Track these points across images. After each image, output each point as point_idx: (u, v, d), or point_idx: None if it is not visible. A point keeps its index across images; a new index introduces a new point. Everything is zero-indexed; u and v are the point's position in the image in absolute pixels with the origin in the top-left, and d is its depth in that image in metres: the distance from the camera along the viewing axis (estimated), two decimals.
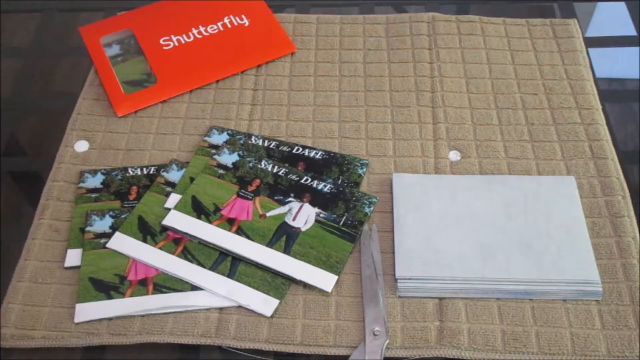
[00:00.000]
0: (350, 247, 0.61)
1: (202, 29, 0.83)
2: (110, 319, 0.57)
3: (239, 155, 0.68)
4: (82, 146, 0.71)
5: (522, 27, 0.83)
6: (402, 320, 0.57)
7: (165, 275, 0.60)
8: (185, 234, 0.62)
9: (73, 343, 0.56)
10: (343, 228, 0.62)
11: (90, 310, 0.58)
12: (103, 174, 0.68)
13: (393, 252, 0.60)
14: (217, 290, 0.58)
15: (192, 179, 0.67)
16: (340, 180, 0.66)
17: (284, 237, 0.61)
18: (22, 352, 0.57)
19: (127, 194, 0.66)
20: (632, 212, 0.64)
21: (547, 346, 0.55)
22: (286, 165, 0.67)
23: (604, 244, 0.61)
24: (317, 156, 0.68)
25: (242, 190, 0.65)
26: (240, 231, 0.62)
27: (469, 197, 0.64)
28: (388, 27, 0.83)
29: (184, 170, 0.68)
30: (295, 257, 0.60)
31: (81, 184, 0.67)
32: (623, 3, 0.89)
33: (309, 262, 0.60)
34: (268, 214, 0.63)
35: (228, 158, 0.68)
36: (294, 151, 0.69)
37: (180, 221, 0.62)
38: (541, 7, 0.88)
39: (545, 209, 0.62)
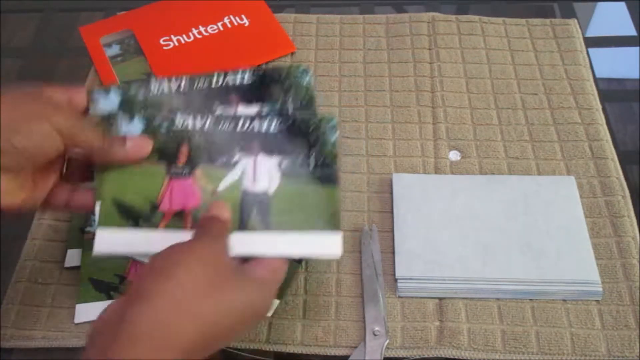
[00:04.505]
0: (335, 189, 0.49)
1: (202, 29, 0.83)
2: None
3: (143, 119, 0.50)
4: None
5: (522, 27, 0.83)
6: (402, 320, 0.57)
7: None
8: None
9: (73, 343, 0.56)
10: (316, 172, 0.50)
11: (90, 311, 0.57)
12: None
13: (393, 252, 0.60)
14: None
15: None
16: (280, 103, 0.52)
17: (254, 210, 0.48)
18: (22, 352, 0.57)
19: None
20: (632, 212, 0.64)
21: (547, 346, 0.55)
22: (209, 113, 0.51)
23: (604, 244, 0.61)
24: (245, 81, 0.52)
25: (173, 168, 0.49)
26: (195, 223, 0.48)
27: (469, 197, 0.64)
28: (388, 27, 0.83)
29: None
30: (281, 229, 0.48)
31: None
32: (623, 3, 0.89)
33: (299, 229, 0.47)
34: (220, 188, 0.49)
35: (131, 129, 0.49)
36: (214, 86, 0.52)
37: (114, 241, 0.46)
38: (541, 7, 0.88)
39: (545, 209, 0.62)
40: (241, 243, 0.47)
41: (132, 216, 0.47)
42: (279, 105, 0.52)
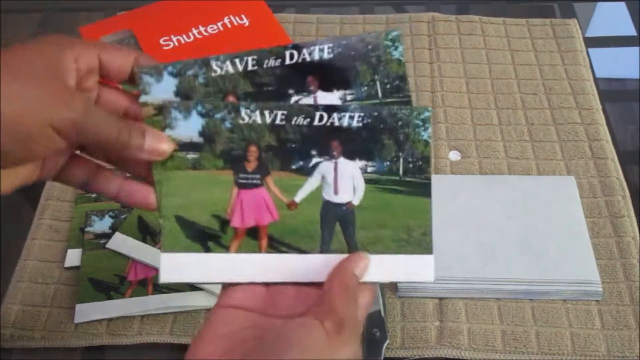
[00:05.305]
0: (428, 203, 0.42)
1: (202, 29, 0.83)
2: (110, 319, 0.57)
3: (201, 114, 0.41)
4: None
5: (522, 27, 0.83)
6: (402, 320, 0.57)
7: None
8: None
9: (73, 343, 0.56)
10: (407, 179, 0.42)
11: (90, 311, 0.57)
12: None
13: None
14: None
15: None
16: (367, 85, 0.43)
17: (336, 225, 0.42)
18: (22, 352, 0.57)
19: None
20: (632, 212, 0.64)
21: (547, 346, 0.55)
22: (280, 103, 0.42)
23: (604, 244, 0.61)
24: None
25: (241, 175, 0.41)
26: (272, 243, 0.41)
27: (469, 197, 0.63)
28: (388, 27, 0.83)
29: None
30: (367, 251, 0.41)
31: None
32: (623, 3, 0.89)
33: (387, 250, 0.41)
34: (298, 199, 0.41)
35: (188, 126, 0.41)
36: (287, 63, 0.43)
37: (183, 268, 0.40)
38: (541, 7, 0.88)
39: (545, 209, 0.62)
40: (324, 267, 0.40)
41: (199, 236, 0.41)
42: (366, 88, 0.43)
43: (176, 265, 0.40)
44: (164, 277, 0.40)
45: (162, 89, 0.41)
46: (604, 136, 0.70)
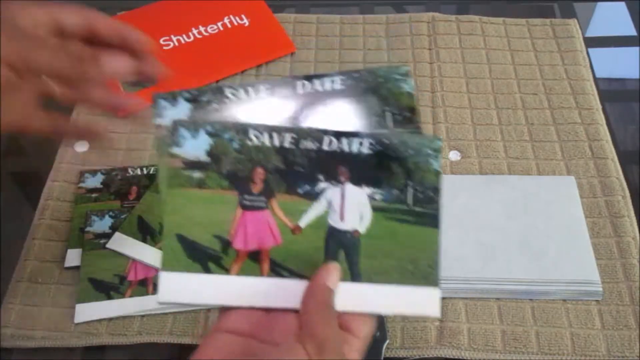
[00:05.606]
0: (436, 234, 0.41)
1: (202, 29, 0.83)
2: (110, 319, 0.57)
3: (209, 134, 0.41)
4: (82, 146, 0.71)
5: (522, 27, 0.83)
6: (402, 320, 0.57)
7: None
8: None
9: (73, 343, 0.56)
10: (416, 208, 0.41)
11: (90, 311, 0.57)
12: (103, 174, 0.68)
13: None
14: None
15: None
16: (377, 115, 0.43)
17: (340, 252, 0.41)
18: (22, 352, 0.57)
19: (127, 194, 0.66)
20: (632, 212, 0.64)
21: (547, 346, 0.55)
22: (288, 126, 0.42)
23: (604, 244, 0.61)
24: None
25: (246, 196, 0.41)
26: (274, 267, 0.40)
27: (469, 197, 0.63)
28: (388, 27, 0.83)
29: None
30: (371, 281, 0.40)
31: (81, 184, 0.67)
32: (623, 3, 0.89)
33: (392, 281, 0.40)
34: (302, 223, 0.41)
35: (196, 145, 0.41)
36: (299, 91, 0.44)
37: (181, 288, 0.40)
38: (541, 7, 0.88)
39: (545, 209, 0.62)
40: None
41: (200, 256, 0.40)
42: (376, 119, 0.43)
43: (175, 285, 0.40)
44: (162, 297, 0.40)
45: (177, 114, 0.42)
46: (604, 136, 0.70)
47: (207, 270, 0.40)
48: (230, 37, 0.82)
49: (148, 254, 0.61)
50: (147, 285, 0.59)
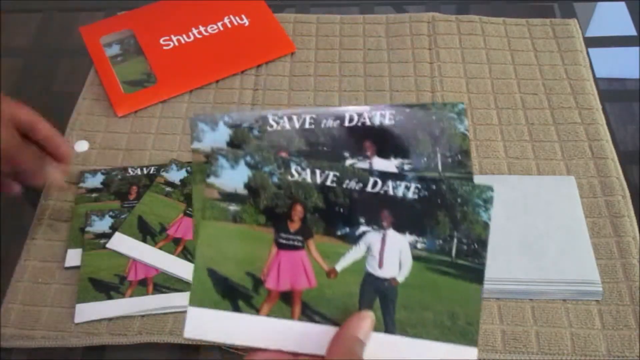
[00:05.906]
0: (479, 291, 0.38)
1: (202, 29, 0.83)
2: (110, 319, 0.57)
3: (249, 165, 0.40)
4: (82, 146, 0.71)
5: (522, 27, 0.83)
6: None
7: (165, 275, 0.60)
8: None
9: (73, 343, 0.56)
10: (459, 261, 0.39)
11: (90, 310, 0.58)
12: (103, 174, 0.68)
13: None
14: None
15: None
16: (427, 157, 0.41)
17: (376, 300, 0.39)
18: (22, 352, 0.57)
19: (127, 194, 0.66)
20: (632, 212, 0.64)
21: (547, 346, 0.55)
22: (333, 164, 0.40)
23: (604, 244, 0.61)
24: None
25: (283, 234, 0.39)
26: (306, 311, 0.39)
27: None
28: (388, 27, 0.83)
29: (184, 170, 0.68)
30: (406, 334, 0.38)
31: (81, 184, 0.67)
32: (623, 3, 0.89)
33: (427, 335, 0.38)
34: (339, 267, 0.39)
35: (234, 177, 0.40)
36: (346, 124, 0.41)
37: (209, 325, 0.39)
38: (541, 7, 0.88)
39: (545, 209, 0.62)
40: None
41: (230, 293, 0.39)
42: (425, 159, 0.41)
43: (202, 321, 0.38)
44: (189, 334, 0.38)
45: (216, 138, 0.40)
46: (604, 136, 0.70)
47: (236, 309, 0.38)
48: (230, 37, 0.82)
49: (148, 254, 0.61)
50: (147, 285, 0.59)
